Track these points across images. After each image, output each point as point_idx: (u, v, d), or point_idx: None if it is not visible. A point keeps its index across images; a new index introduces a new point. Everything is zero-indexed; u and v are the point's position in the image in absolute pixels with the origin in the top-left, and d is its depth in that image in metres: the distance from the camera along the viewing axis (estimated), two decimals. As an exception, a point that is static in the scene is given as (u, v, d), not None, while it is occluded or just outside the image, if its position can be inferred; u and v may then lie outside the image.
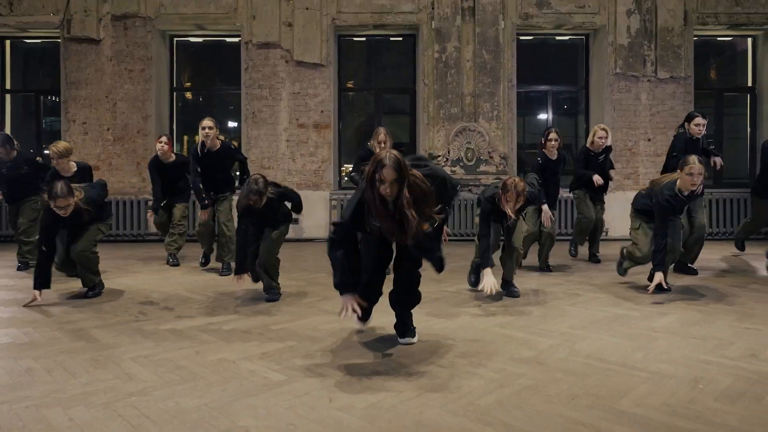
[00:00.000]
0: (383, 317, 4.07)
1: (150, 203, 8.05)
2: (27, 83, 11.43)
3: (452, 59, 10.15)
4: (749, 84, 10.93)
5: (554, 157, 6.88)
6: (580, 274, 6.70)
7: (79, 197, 4.93)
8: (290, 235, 9.91)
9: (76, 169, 6.41)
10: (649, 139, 10.22)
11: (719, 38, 11.12)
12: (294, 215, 5.63)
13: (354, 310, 3.31)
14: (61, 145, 6.31)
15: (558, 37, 11.01)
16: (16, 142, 7.26)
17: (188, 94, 11.85)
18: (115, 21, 10.30)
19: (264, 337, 3.91)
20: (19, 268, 6.99)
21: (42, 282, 4.89)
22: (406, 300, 3.87)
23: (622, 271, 5.87)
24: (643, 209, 5.61)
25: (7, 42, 11.05)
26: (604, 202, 7.71)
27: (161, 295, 5.47)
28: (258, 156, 10.21)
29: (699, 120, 6.63)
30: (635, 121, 10.24)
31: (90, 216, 5.14)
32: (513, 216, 4.95)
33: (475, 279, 5.46)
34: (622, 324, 4.27)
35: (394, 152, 3.24)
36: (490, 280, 4.63)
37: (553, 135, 6.84)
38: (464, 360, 3.45)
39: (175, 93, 11.00)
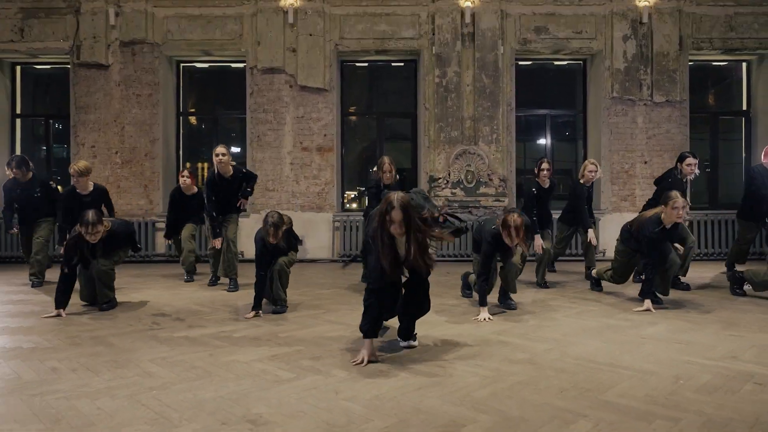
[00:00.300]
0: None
1: (157, 224, 8.40)
2: (37, 108, 11.74)
3: (452, 84, 10.45)
4: (744, 108, 11.13)
5: (546, 186, 7.26)
6: (574, 289, 6.98)
7: (107, 227, 5.41)
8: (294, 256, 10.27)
9: (92, 188, 6.72)
10: (645, 162, 10.41)
11: (714, 63, 11.30)
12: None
13: (368, 362, 3.64)
14: (81, 164, 6.74)
15: (556, 62, 11.23)
16: (31, 164, 7.55)
17: (193, 119, 12.16)
18: (124, 47, 10.64)
19: (273, 343, 4.17)
20: (33, 285, 7.26)
21: (63, 301, 5.26)
22: (416, 311, 4.15)
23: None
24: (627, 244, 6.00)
25: (18, 68, 11.39)
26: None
27: (172, 308, 5.72)
28: (263, 179, 10.43)
29: (691, 160, 6.89)
30: (632, 144, 10.43)
31: (105, 248, 5.58)
32: (520, 244, 5.14)
33: (469, 292, 6.12)
34: (613, 332, 4.53)
35: (402, 195, 3.73)
36: (484, 316, 5.08)
37: (545, 165, 7.17)
38: (462, 361, 3.72)
39: (181, 117, 11.30)
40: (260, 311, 5.25)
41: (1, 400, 2.94)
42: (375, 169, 6.87)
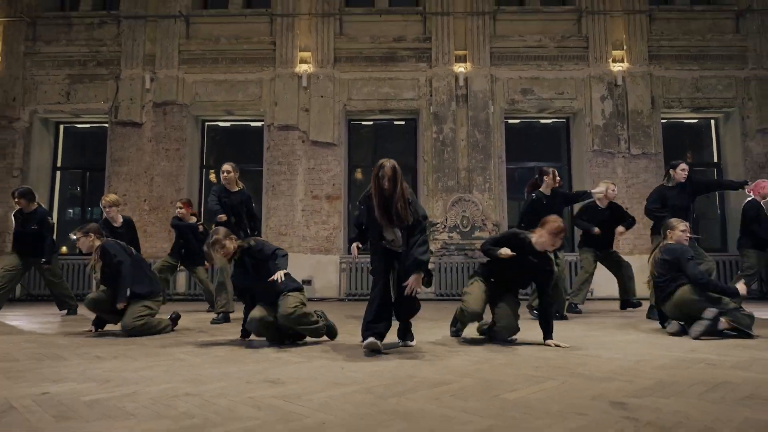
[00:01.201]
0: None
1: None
2: (75, 161, 12.22)
3: (448, 139, 10.89)
4: (715, 160, 11.41)
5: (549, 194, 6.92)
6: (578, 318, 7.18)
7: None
8: (304, 294, 10.50)
9: (122, 220, 7.08)
10: (627, 208, 10.65)
11: (685, 120, 11.64)
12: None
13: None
14: (112, 196, 7.19)
15: (542, 120, 11.64)
16: (36, 197, 7.56)
17: (213, 175, 12.52)
18: (156, 107, 11.21)
19: (284, 346, 4.41)
20: (68, 312, 7.53)
21: (98, 322, 5.37)
22: (407, 310, 4.44)
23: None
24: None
25: (61, 126, 11.97)
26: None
27: (193, 329, 5.90)
28: (276, 224, 10.81)
29: (683, 165, 6.78)
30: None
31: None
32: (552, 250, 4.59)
33: (456, 330, 5.09)
34: (599, 340, 4.70)
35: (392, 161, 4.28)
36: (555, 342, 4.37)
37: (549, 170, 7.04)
38: (453, 352, 3.98)
39: (204, 170, 11.74)
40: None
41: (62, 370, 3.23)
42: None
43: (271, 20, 11.45)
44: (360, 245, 6.44)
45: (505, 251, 4.38)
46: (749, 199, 7.08)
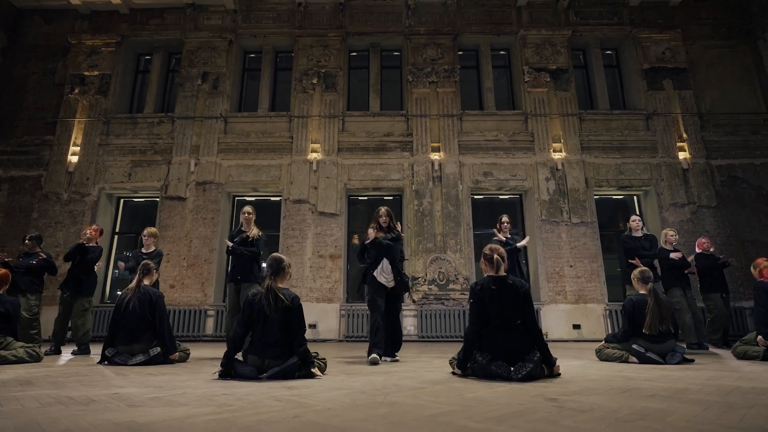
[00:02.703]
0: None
1: (208, 312, 8.55)
2: (131, 227, 12.43)
3: (427, 210, 11.19)
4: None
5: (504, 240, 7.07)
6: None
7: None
8: (309, 336, 10.50)
9: (153, 249, 7.04)
10: (571, 266, 10.81)
11: (614, 196, 11.97)
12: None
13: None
14: (152, 229, 7.13)
15: (500, 196, 11.97)
16: (42, 244, 7.36)
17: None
18: (197, 185, 11.52)
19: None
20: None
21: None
22: (394, 337, 4.78)
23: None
24: None
25: (122, 200, 12.24)
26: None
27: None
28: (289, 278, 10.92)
29: (634, 216, 7.22)
30: (560, 253, 10.89)
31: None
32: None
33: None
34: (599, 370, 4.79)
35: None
36: None
37: (504, 218, 7.25)
38: (431, 371, 4.11)
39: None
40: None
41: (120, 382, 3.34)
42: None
43: (290, 120, 11.96)
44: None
45: None
46: (697, 252, 7.67)
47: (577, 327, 10.36)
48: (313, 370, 3.52)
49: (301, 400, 2.54)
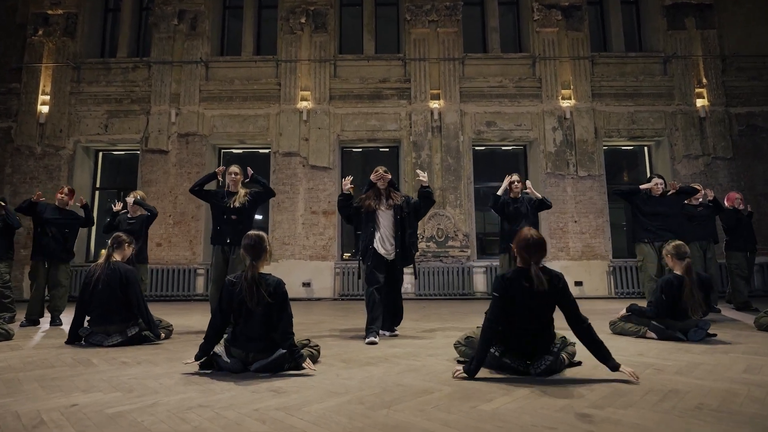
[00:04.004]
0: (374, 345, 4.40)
1: (198, 271, 8.18)
2: (111, 182, 11.96)
3: (425, 163, 10.76)
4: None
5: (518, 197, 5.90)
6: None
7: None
8: (303, 295, 10.30)
9: (138, 214, 6.44)
10: (575, 221, 10.59)
11: (623, 147, 11.61)
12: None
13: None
14: (140, 193, 6.54)
15: (503, 147, 11.56)
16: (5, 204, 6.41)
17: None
18: (180, 137, 10.99)
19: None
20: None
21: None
22: (395, 311, 4.57)
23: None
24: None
25: (100, 153, 11.71)
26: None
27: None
28: (281, 235, 10.60)
29: (655, 179, 5.96)
30: (564, 208, 10.61)
31: None
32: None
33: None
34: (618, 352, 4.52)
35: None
36: None
37: (515, 177, 5.88)
38: (432, 356, 3.80)
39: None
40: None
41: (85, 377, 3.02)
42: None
43: (277, 65, 11.30)
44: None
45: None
46: (726, 209, 7.08)
47: (579, 284, 10.19)
48: (304, 365, 3.16)
49: (289, 419, 2.21)
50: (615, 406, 2.33)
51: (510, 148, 11.50)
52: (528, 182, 5.82)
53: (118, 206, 6.41)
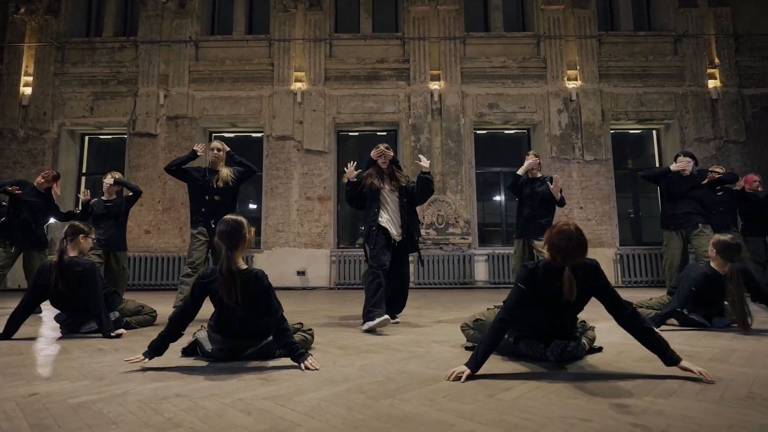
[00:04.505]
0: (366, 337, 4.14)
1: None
2: (98, 167, 11.62)
3: (425, 147, 10.47)
4: (657, 165, 10.99)
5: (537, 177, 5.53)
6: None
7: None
8: (297, 284, 10.03)
9: (115, 197, 5.97)
10: (581, 207, 10.34)
11: (631, 131, 11.27)
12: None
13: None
14: (117, 174, 5.98)
15: (506, 131, 11.23)
16: None
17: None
18: (169, 120, 10.66)
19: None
20: None
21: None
22: (400, 297, 4.30)
23: None
24: None
25: (86, 137, 11.37)
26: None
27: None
28: (274, 222, 10.32)
29: (680, 158, 5.53)
30: (569, 194, 10.30)
31: None
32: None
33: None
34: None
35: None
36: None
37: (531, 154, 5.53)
38: (437, 342, 3.54)
39: (211, 175, 11.17)
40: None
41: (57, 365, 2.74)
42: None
43: (270, 44, 10.96)
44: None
45: None
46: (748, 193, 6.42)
47: (585, 272, 9.90)
48: (306, 363, 2.65)
49: (278, 409, 1.93)
50: (653, 395, 2.06)
51: (513, 131, 11.19)
52: (557, 177, 5.27)
53: (85, 195, 5.84)
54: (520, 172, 5.43)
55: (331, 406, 1.96)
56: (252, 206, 11.30)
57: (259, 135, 10.92)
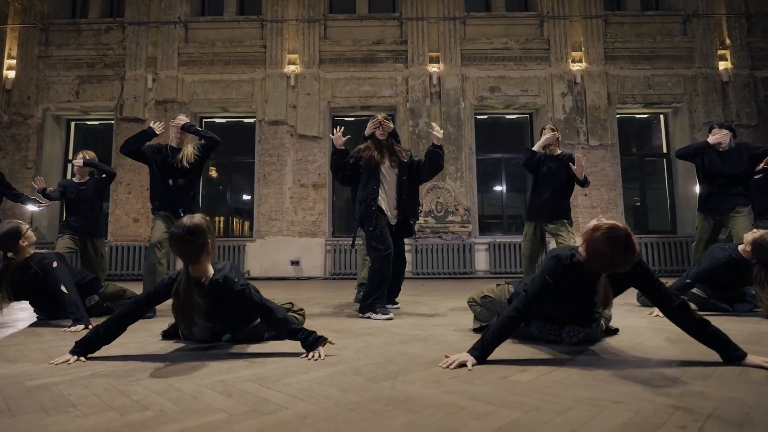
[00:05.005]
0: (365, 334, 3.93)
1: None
2: (82, 154, 11.32)
3: (423, 132, 10.21)
4: (665, 151, 10.80)
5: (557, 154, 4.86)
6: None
7: None
8: (291, 274, 9.81)
9: (88, 178, 5.33)
10: (585, 194, 10.07)
11: (638, 115, 11.01)
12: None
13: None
14: (89, 153, 5.32)
15: (507, 116, 10.96)
16: None
17: (211, 165, 11.76)
18: (158, 105, 10.40)
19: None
20: None
21: None
22: (397, 281, 4.08)
23: None
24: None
25: (72, 123, 11.10)
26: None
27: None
28: (267, 210, 10.09)
29: (715, 130, 4.94)
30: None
31: None
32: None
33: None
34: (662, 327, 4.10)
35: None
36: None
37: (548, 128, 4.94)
38: (439, 326, 3.34)
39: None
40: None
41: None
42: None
43: (262, 26, 10.69)
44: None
45: None
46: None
47: (590, 262, 9.71)
48: (316, 352, 2.29)
49: (263, 391, 1.72)
50: (688, 377, 1.85)
51: (515, 116, 10.94)
52: (579, 156, 4.66)
53: (39, 183, 5.26)
54: (535, 147, 4.83)
55: (323, 388, 1.75)
56: (246, 197, 11.06)
57: (251, 120, 10.67)
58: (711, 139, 4.85)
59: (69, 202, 5.14)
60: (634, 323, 3.25)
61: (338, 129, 4.25)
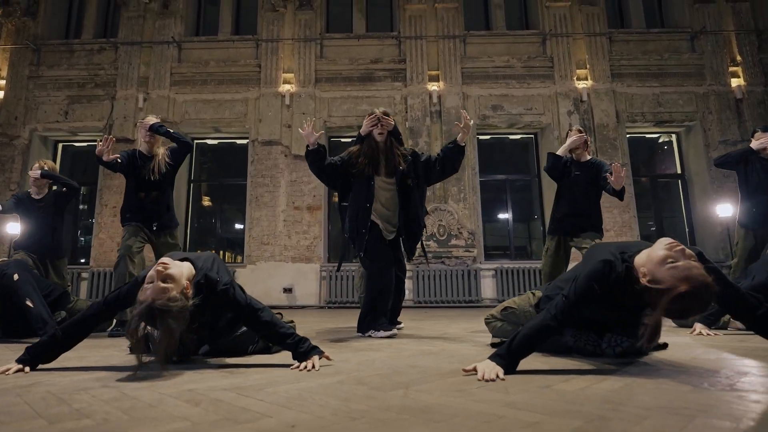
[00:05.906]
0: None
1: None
2: (72, 176, 10.98)
3: (424, 151, 9.87)
4: (679, 171, 10.41)
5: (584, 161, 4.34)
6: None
7: None
8: (284, 302, 9.40)
9: (47, 193, 4.72)
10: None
11: (649, 134, 10.67)
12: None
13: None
14: (49, 163, 4.77)
15: (511, 136, 10.68)
16: None
17: (206, 200, 11.44)
18: (146, 124, 10.17)
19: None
20: None
21: None
22: (397, 301, 3.65)
23: None
24: None
25: (60, 145, 10.84)
26: None
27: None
28: (259, 233, 9.73)
29: (758, 134, 4.58)
30: (580, 204, 9.82)
31: None
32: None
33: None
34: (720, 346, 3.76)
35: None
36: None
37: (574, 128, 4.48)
38: (451, 341, 2.99)
39: (192, 184, 10.63)
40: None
41: None
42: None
43: (257, 45, 10.55)
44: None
45: None
46: None
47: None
48: (311, 362, 1.97)
49: (239, 400, 1.37)
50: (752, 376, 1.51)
51: (519, 136, 10.70)
52: (618, 165, 3.84)
53: None
54: (560, 151, 4.34)
55: (318, 397, 1.41)
56: (238, 226, 10.74)
57: (245, 141, 10.41)
58: (754, 144, 4.47)
59: (25, 219, 4.57)
60: (680, 340, 2.89)
61: (308, 122, 3.67)
